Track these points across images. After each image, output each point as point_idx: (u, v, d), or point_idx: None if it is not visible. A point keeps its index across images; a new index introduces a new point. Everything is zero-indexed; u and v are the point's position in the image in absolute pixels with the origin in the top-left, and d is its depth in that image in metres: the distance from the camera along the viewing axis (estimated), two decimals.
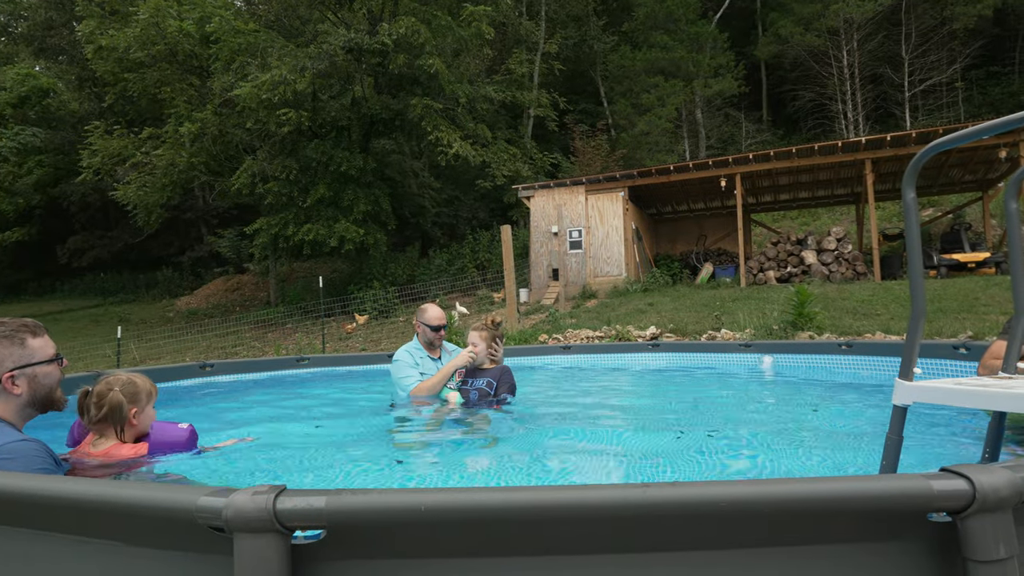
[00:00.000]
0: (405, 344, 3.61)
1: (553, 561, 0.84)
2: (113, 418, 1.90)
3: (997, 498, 0.79)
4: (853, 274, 12.94)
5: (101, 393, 1.90)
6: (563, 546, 0.84)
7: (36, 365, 1.67)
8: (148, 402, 1.98)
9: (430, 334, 3.51)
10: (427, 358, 3.54)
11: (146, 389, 1.97)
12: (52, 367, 1.71)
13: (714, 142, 25.95)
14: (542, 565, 0.84)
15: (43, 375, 1.69)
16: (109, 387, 1.91)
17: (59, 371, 1.74)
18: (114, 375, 1.99)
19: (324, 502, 0.81)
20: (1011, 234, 1.57)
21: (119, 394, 1.89)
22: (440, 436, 2.76)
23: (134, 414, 1.92)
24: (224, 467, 2.06)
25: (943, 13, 22.90)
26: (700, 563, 0.84)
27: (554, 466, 2.11)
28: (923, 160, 1.36)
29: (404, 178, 21.20)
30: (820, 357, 4.73)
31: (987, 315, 7.58)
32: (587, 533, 0.83)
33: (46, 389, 1.69)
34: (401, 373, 3.42)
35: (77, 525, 0.94)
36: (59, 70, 28.36)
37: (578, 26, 27.41)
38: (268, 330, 16.46)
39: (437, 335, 3.53)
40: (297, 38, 18.75)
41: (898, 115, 23.99)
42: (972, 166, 13.78)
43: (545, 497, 0.81)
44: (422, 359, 3.52)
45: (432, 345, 3.57)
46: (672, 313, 10.06)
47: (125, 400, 1.90)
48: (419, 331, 3.57)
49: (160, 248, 30.40)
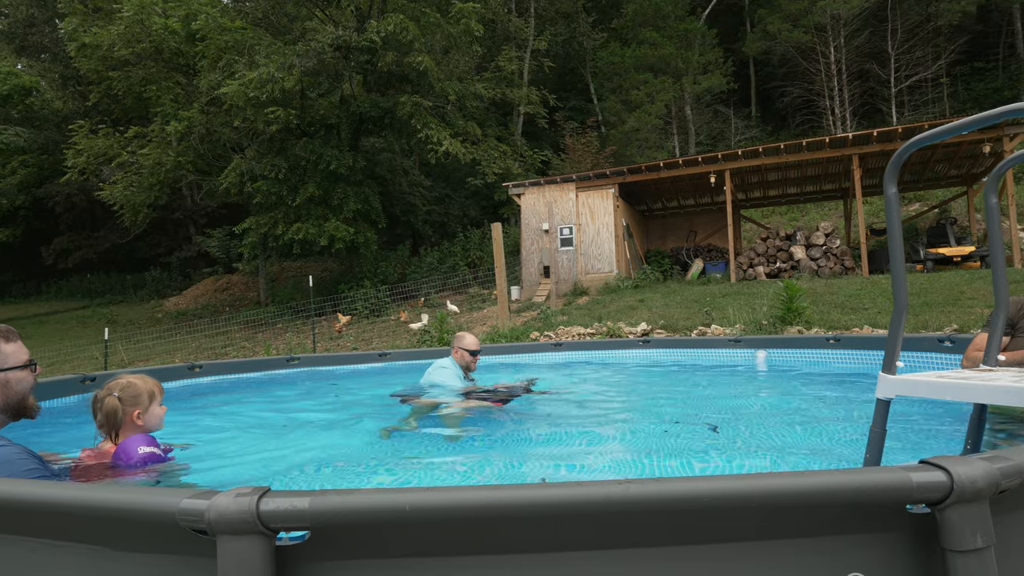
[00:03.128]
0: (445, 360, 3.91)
1: (538, 558, 0.85)
2: (109, 422, 1.94)
3: (974, 489, 0.81)
4: (841, 269, 13.06)
5: (101, 398, 1.95)
6: (547, 543, 0.84)
7: (8, 371, 1.64)
8: (152, 402, 2.00)
9: (468, 358, 3.90)
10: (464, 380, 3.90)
11: (148, 390, 2.00)
12: (25, 373, 1.69)
13: (703, 138, 26.07)
14: (527, 563, 0.85)
15: (16, 381, 1.66)
16: (108, 392, 1.96)
17: (32, 377, 1.72)
18: (116, 378, 2.02)
19: (308, 503, 0.81)
20: (991, 229, 1.59)
21: (115, 399, 1.94)
22: (434, 437, 2.76)
23: (137, 415, 1.96)
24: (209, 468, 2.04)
25: (928, 9, 23.13)
26: (683, 558, 0.85)
27: (543, 464, 2.12)
28: (904, 156, 1.37)
29: (394, 176, 21.12)
30: (808, 351, 4.77)
31: (972, 308, 7.68)
32: (571, 530, 0.83)
33: (19, 396, 1.67)
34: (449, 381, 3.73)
35: (58, 530, 0.93)
36: (42, 68, 27.95)
37: (567, 23, 27.41)
38: (258, 330, 16.35)
39: (474, 359, 3.93)
40: (285, 36, 18.59)
41: (884, 111, 24.22)
42: (957, 161, 13.94)
43: (528, 495, 0.81)
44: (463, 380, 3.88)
45: (468, 368, 3.95)
46: (663, 309, 10.10)
47: (122, 404, 1.94)
48: (457, 356, 3.91)
49: (148, 248, 30.10)
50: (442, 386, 3.70)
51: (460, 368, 3.88)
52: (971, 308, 7.70)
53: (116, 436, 1.96)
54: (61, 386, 4.00)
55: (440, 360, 3.91)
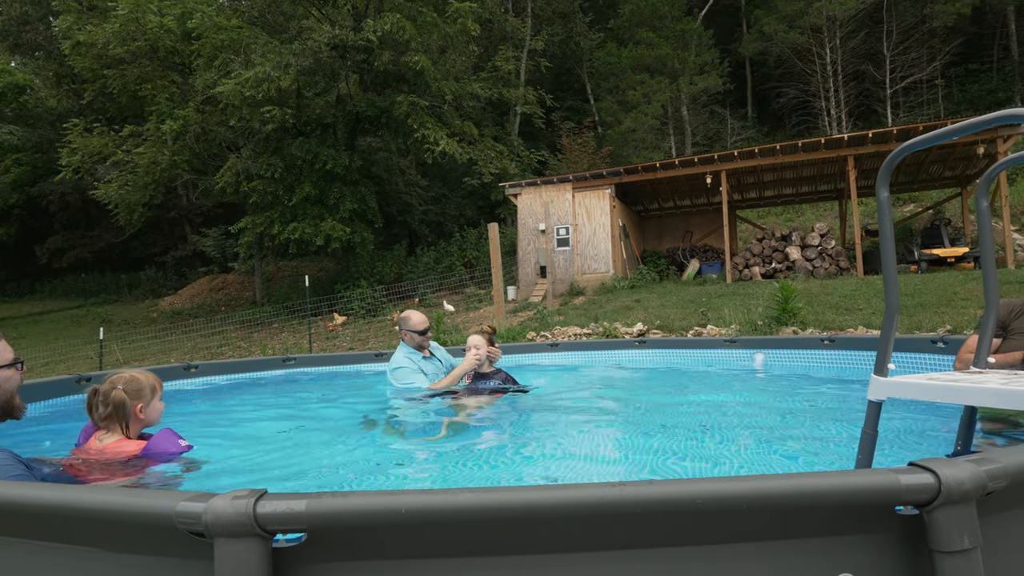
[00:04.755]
0: (396, 352, 3.78)
1: (533, 560, 0.85)
2: (118, 415, 1.97)
3: (961, 491, 0.82)
4: (836, 269, 13.12)
5: (106, 391, 1.98)
6: (542, 545, 0.85)
7: None
8: (153, 396, 2.05)
9: (418, 338, 3.74)
10: (422, 359, 3.76)
11: (150, 384, 2.04)
12: (11, 372, 1.68)
13: (700, 139, 26.13)
14: (522, 564, 0.86)
15: (2, 380, 1.65)
16: (113, 385, 1.98)
17: (19, 376, 1.71)
18: (118, 373, 2.06)
19: (305, 505, 0.82)
20: (982, 231, 1.61)
21: (122, 392, 1.97)
22: (430, 437, 2.77)
23: (140, 409, 2.00)
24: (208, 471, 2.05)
25: (923, 11, 23.25)
26: (676, 559, 0.86)
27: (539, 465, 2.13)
28: (895, 161, 1.39)
29: (391, 176, 21.09)
30: (803, 352, 4.79)
31: (965, 309, 7.73)
32: (565, 532, 0.84)
33: (6, 395, 1.66)
34: (407, 379, 3.61)
35: (54, 532, 0.93)
36: (36, 66, 27.76)
37: (564, 23, 27.42)
38: (254, 330, 16.31)
39: (424, 338, 3.77)
40: (281, 34, 18.53)
41: (880, 112, 24.33)
42: (952, 162, 14.03)
43: (523, 497, 0.82)
44: (419, 360, 3.74)
45: (422, 347, 3.79)
46: (659, 309, 10.13)
47: (128, 397, 1.97)
48: (406, 338, 3.77)
49: (143, 248, 29.97)
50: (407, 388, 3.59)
51: (414, 350, 3.75)
52: (964, 309, 7.74)
53: (127, 429, 1.98)
54: (56, 387, 3.98)
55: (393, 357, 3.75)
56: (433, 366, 3.78)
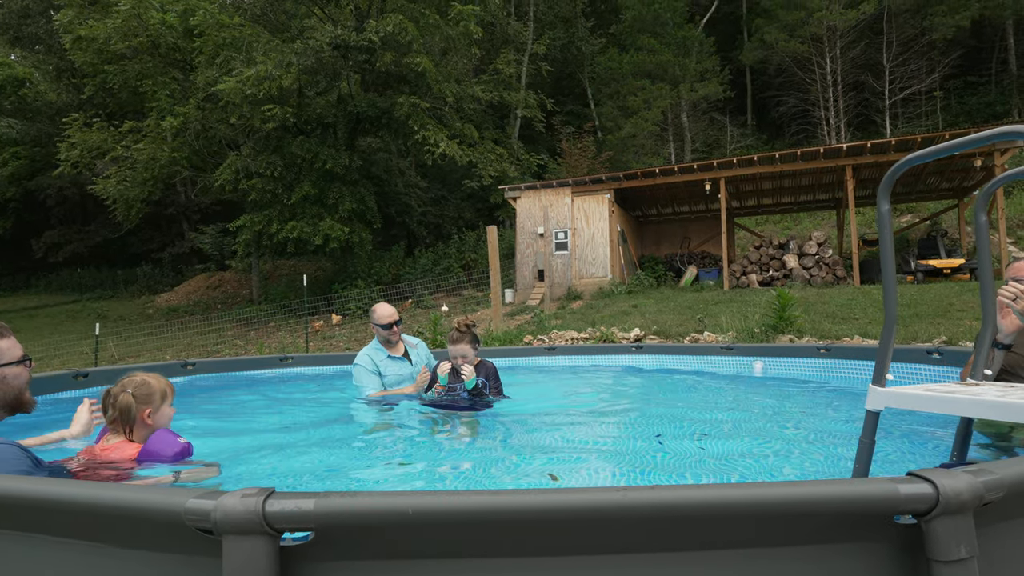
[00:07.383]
0: (366, 346, 3.65)
1: (536, 562, 0.87)
2: (123, 418, 1.96)
3: (959, 501, 0.84)
4: (833, 278, 13.17)
5: (115, 394, 1.97)
6: (546, 548, 0.86)
7: (4, 367, 1.65)
8: (163, 402, 2.03)
9: (384, 333, 3.55)
10: (388, 359, 3.57)
11: (160, 389, 2.03)
12: (20, 368, 1.70)
13: (699, 146, 26.22)
14: (525, 566, 0.87)
15: (12, 376, 1.68)
16: (122, 388, 1.97)
17: (27, 372, 1.74)
18: (131, 375, 2.04)
19: (313, 504, 0.83)
20: (980, 246, 1.63)
21: (129, 396, 1.96)
22: (429, 439, 2.77)
23: (148, 414, 1.98)
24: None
25: (923, 23, 23.41)
26: (676, 564, 0.87)
27: (540, 470, 2.14)
28: (898, 174, 1.41)
29: (390, 177, 21.10)
30: (799, 361, 4.82)
31: (961, 320, 7.77)
32: (569, 535, 0.86)
33: (15, 391, 1.69)
34: (360, 380, 3.50)
35: (63, 527, 0.94)
36: (36, 60, 27.71)
37: (566, 27, 27.52)
38: (251, 328, 16.27)
39: (391, 332, 3.55)
40: (283, 33, 18.54)
41: (879, 122, 24.48)
42: (949, 174, 14.11)
43: (528, 500, 0.83)
44: (382, 361, 3.56)
45: (390, 342, 3.60)
46: (656, 315, 10.15)
47: (136, 401, 1.96)
48: (375, 332, 3.61)
49: (140, 244, 29.88)
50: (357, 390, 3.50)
51: (381, 347, 3.58)
52: (960, 320, 7.79)
53: (131, 433, 1.97)
54: (52, 382, 3.97)
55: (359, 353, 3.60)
56: (398, 366, 3.57)
